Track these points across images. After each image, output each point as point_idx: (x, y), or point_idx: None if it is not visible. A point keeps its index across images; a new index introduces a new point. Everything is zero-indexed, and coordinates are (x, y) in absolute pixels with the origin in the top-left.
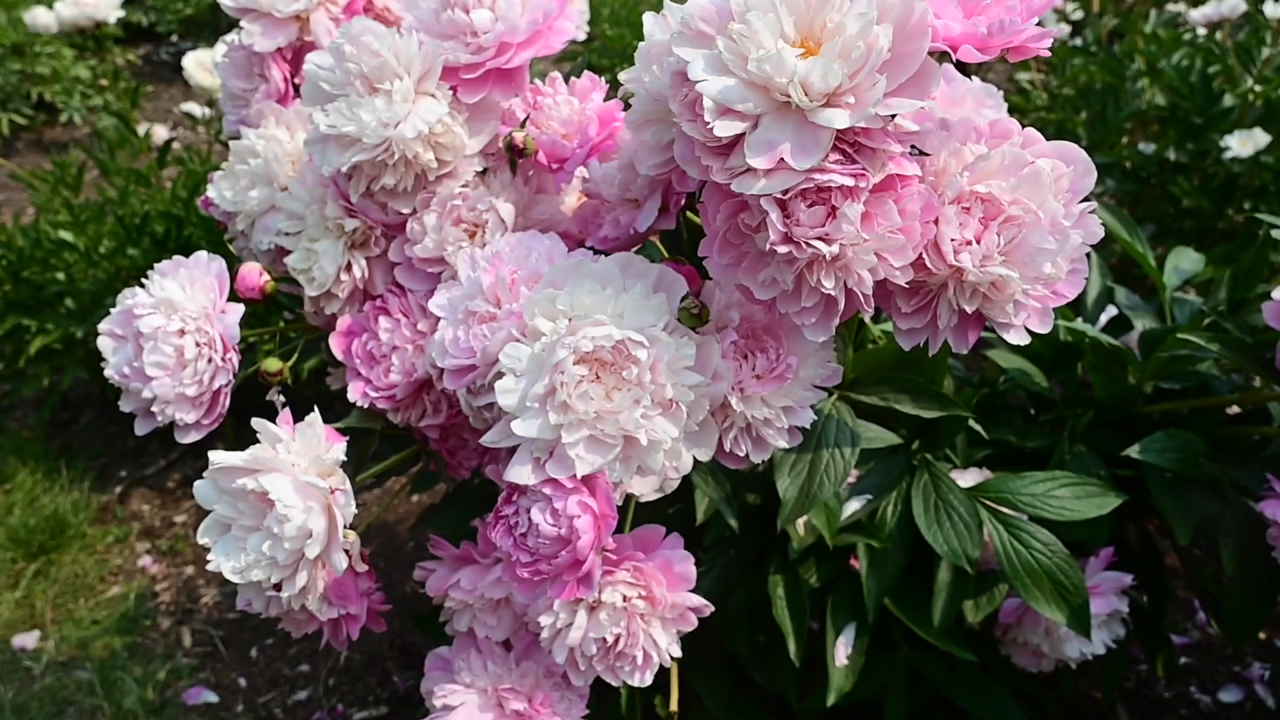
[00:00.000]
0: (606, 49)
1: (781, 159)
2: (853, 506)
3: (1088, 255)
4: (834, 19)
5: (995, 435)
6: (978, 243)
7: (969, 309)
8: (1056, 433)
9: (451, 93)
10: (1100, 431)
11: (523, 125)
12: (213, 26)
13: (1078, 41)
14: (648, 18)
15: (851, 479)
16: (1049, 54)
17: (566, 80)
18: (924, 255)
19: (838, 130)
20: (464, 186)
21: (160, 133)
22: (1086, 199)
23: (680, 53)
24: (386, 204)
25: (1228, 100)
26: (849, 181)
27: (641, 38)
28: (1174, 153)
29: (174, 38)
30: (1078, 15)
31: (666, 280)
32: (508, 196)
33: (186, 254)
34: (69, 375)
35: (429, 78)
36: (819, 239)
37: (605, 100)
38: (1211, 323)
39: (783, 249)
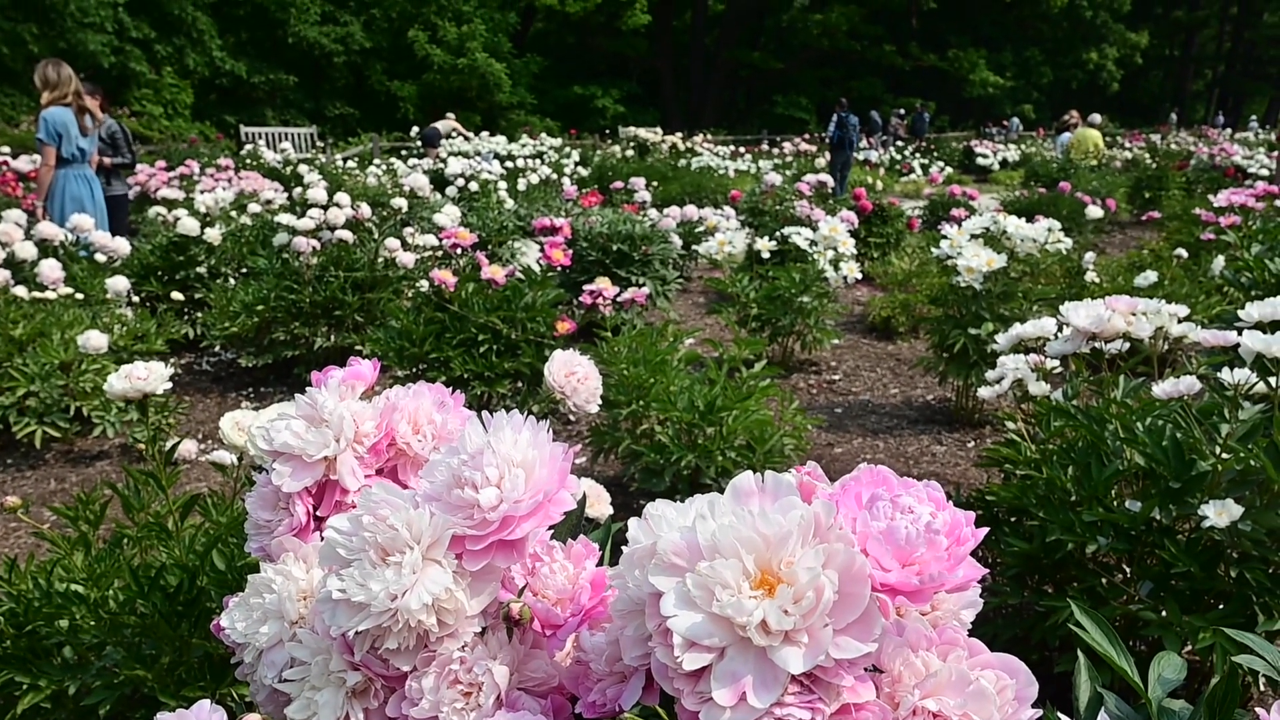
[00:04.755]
0: (624, 385)
1: (744, 695)
2: None
3: (1077, 659)
4: (789, 561)
5: None
6: None
7: None
8: None
9: (456, 560)
10: None
11: (520, 593)
12: (255, 342)
13: (1058, 394)
14: (632, 524)
15: None
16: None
17: (563, 540)
18: None
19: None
20: (462, 649)
21: (190, 447)
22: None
23: (654, 581)
24: (388, 660)
25: (1201, 465)
26: (806, 715)
27: (656, 373)
28: (1159, 513)
29: (216, 347)
30: (1058, 370)
31: None
32: (503, 658)
33: (197, 606)
34: None
35: (437, 547)
36: None
37: (599, 565)
38: None
39: None
